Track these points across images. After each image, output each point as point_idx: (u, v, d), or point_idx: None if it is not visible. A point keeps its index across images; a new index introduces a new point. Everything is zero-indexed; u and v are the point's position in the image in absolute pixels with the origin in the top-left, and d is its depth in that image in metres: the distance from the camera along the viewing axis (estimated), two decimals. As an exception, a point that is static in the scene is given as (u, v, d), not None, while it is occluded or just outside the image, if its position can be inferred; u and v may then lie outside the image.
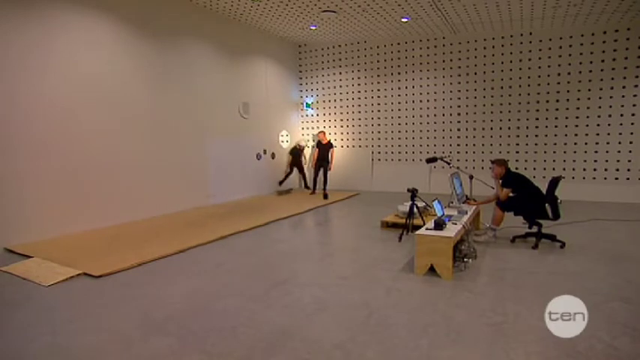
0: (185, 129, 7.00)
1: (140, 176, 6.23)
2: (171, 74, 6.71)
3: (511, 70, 8.26)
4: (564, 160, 8.05)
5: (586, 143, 7.90)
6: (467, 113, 8.74)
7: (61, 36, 5.15)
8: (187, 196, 7.05)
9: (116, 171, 5.85)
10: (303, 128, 10.41)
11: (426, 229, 3.76)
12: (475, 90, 8.61)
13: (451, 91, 8.82)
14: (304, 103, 10.33)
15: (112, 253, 4.40)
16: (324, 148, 8.73)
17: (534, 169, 8.21)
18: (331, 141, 9.19)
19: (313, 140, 10.16)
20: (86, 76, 5.44)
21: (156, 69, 6.43)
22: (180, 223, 5.88)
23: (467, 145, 8.80)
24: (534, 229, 4.61)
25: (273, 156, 9.31)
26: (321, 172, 8.78)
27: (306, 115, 10.41)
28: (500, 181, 4.72)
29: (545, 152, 8.18)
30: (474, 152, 8.76)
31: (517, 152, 8.37)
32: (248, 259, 4.27)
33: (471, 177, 5.41)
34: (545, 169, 8.17)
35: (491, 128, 8.55)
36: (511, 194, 4.68)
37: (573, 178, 7.98)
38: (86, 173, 5.45)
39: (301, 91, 10.40)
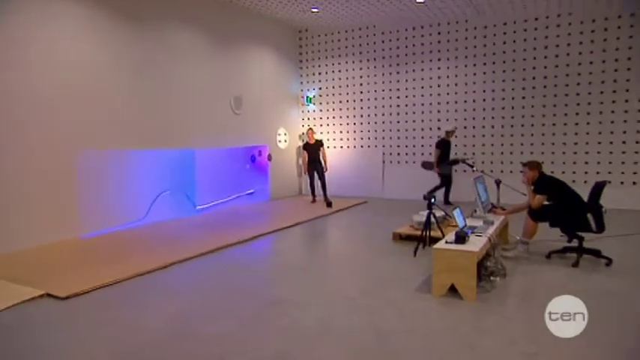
0: (168, 127, 7.03)
1: (117, 181, 6.25)
2: (152, 64, 6.75)
3: (546, 57, 8.25)
4: (610, 162, 7.99)
5: (637, 142, 7.81)
6: (493, 108, 8.73)
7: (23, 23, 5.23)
8: (171, 204, 7.07)
9: (88, 174, 5.87)
10: (303, 126, 10.44)
11: (446, 242, 3.75)
12: (503, 81, 8.60)
13: (474, 83, 8.83)
14: (305, 97, 10.37)
15: (81, 269, 4.38)
16: (313, 149, 8.72)
17: (574, 172, 8.16)
18: (321, 140, 9.08)
19: (302, 140, 10.14)
20: (56, 68, 5.49)
21: (133, 58, 6.48)
22: (162, 235, 5.89)
23: (493, 144, 8.78)
24: (574, 244, 4.56)
25: (269, 157, 9.34)
26: (316, 177, 8.75)
27: (307, 111, 10.45)
28: (533, 186, 4.70)
29: (586, 153, 8.13)
30: (501, 153, 8.74)
31: (553, 153, 8.34)
32: (240, 276, 4.27)
33: (498, 182, 5.39)
34: (587, 172, 8.12)
35: (522, 125, 8.54)
36: (546, 202, 4.65)
37: (622, 183, 7.91)
38: (53, 175, 5.48)
39: (302, 83, 10.44)
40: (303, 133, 10.11)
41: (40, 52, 5.34)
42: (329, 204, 8.28)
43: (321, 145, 8.83)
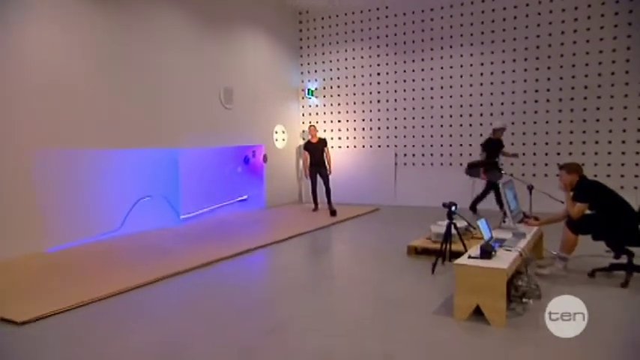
0: (148, 123, 7.04)
1: (87, 186, 6.25)
2: (127, 51, 6.76)
3: (588, 41, 8.18)
4: (662, 164, 7.93)
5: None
6: (524, 101, 8.69)
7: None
8: (151, 212, 7.09)
9: (53, 178, 5.87)
10: (304, 122, 10.46)
11: (469, 257, 3.73)
12: (537, 69, 8.57)
13: (503, 72, 8.80)
14: (306, 90, 10.39)
15: (45, 289, 4.37)
16: (315, 149, 8.74)
17: (621, 176, 8.10)
18: (325, 138, 9.14)
19: (303, 138, 10.21)
20: (17, 55, 5.51)
21: (105, 44, 6.47)
22: (141, 248, 5.92)
23: (524, 143, 8.74)
24: (623, 260, 4.49)
25: (265, 159, 9.34)
26: (320, 181, 8.76)
27: (309, 106, 10.46)
28: (572, 193, 4.66)
29: (637, 153, 8.05)
30: (534, 153, 8.69)
31: (596, 153, 8.28)
32: (231, 296, 4.28)
33: (531, 187, 5.38)
34: (637, 176, 8.06)
35: (560, 121, 8.48)
36: (587, 211, 4.60)
37: (674, 188, 7.85)
38: (9, 179, 5.46)
39: (302, 73, 10.47)
40: (303, 131, 10.14)
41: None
42: (333, 212, 8.27)
43: (325, 144, 8.84)
